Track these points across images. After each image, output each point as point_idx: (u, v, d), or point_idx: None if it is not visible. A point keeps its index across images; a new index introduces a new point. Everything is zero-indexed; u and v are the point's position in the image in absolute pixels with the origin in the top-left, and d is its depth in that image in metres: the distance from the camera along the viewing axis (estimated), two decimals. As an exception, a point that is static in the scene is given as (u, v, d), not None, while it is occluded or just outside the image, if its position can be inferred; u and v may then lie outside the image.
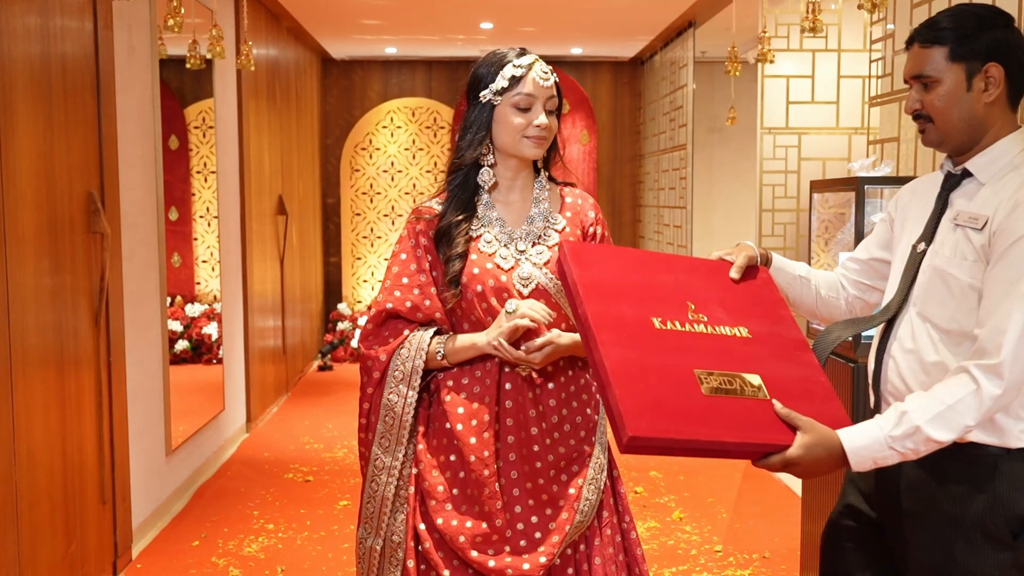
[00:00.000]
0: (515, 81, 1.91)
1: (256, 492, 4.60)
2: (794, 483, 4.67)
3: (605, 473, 1.99)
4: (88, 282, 3.37)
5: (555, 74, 1.97)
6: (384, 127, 8.79)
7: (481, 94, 1.95)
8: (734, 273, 1.83)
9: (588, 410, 1.99)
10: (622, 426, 1.46)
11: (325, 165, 8.80)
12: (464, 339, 1.91)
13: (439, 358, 1.91)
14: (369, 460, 1.97)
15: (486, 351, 1.88)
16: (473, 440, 1.90)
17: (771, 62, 4.73)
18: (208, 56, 4.67)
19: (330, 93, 8.80)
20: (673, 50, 7.40)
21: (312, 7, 6.50)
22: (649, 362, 1.56)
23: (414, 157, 8.78)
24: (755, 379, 1.61)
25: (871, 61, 3.73)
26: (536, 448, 1.92)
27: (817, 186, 3.26)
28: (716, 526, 4.15)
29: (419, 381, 1.90)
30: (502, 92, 1.92)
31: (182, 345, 5.08)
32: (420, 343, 1.91)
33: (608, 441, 2.03)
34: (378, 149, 8.81)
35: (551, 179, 2.07)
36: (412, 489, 1.94)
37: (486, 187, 1.97)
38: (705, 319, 1.69)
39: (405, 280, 1.96)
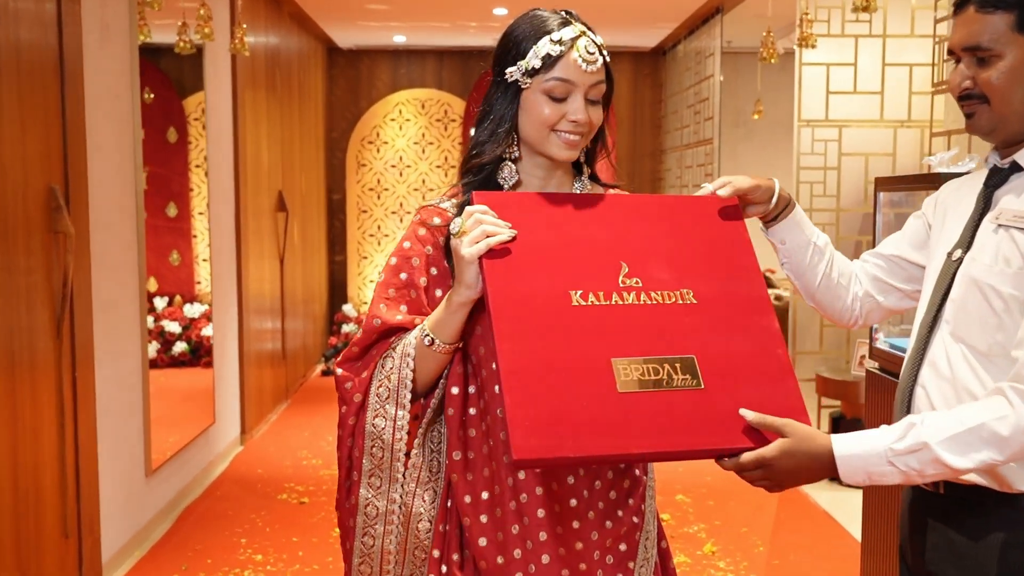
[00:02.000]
0: (549, 61, 1.46)
1: (245, 516, 4.21)
2: (837, 510, 4.25)
3: (656, 548, 1.58)
4: (48, 287, 2.98)
5: (605, 52, 1.51)
6: (392, 120, 8.39)
7: (508, 71, 1.50)
8: (707, 190, 1.54)
9: (636, 470, 1.57)
10: (508, 445, 1.28)
11: (330, 159, 8.41)
12: (438, 309, 1.48)
13: (427, 344, 1.47)
14: (357, 510, 1.54)
15: (470, 296, 1.43)
16: (484, 518, 1.49)
17: (813, 47, 4.31)
18: (196, 39, 4.29)
19: (336, 84, 8.40)
20: (698, 38, 6.98)
21: (314, -10, 6.11)
22: (556, 356, 1.34)
23: (423, 151, 8.37)
24: (690, 362, 1.37)
25: (935, 41, 3.31)
26: (576, 525, 1.49)
27: (884, 184, 2.83)
28: (753, 562, 3.73)
29: (408, 397, 1.49)
30: (533, 73, 1.47)
31: (180, 347, 4.76)
32: (405, 347, 1.49)
33: (657, 507, 1.62)
34: (386, 143, 8.41)
35: (594, 180, 1.63)
36: (436, 553, 1.52)
37: (506, 187, 1.54)
38: (639, 284, 1.43)
39: (392, 292, 1.55)
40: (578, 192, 1.58)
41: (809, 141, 4.92)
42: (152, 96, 4.65)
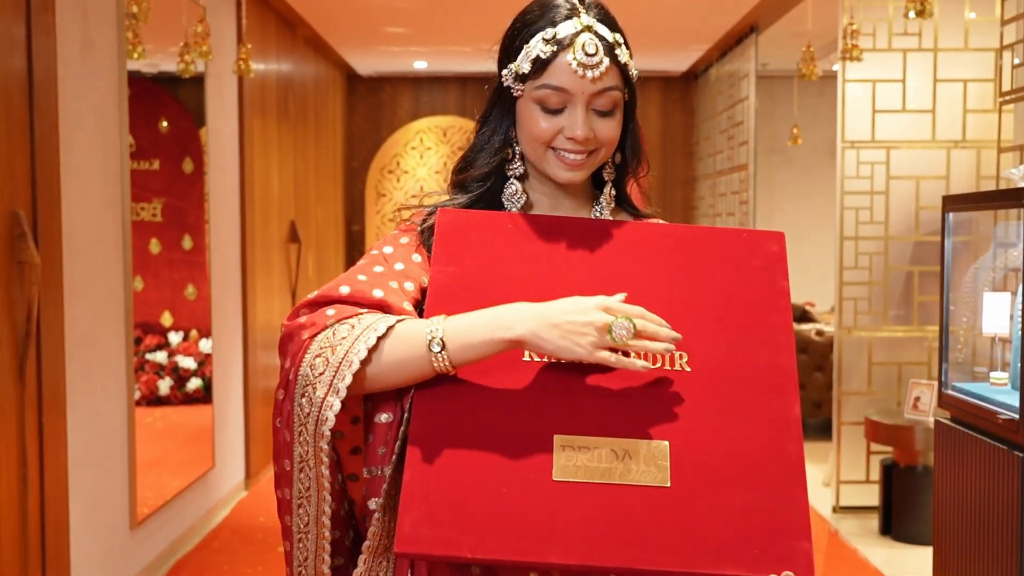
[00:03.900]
0: (540, 64, 1.19)
1: (240, 571, 3.87)
2: (895, 570, 3.83)
3: None
4: (9, 322, 2.69)
5: (620, 50, 1.21)
6: (413, 148, 8.13)
7: (503, 73, 1.25)
8: None
9: None
10: (397, 531, 1.03)
11: (350, 189, 8.16)
12: (480, 317, 1.09)
13: (429, 341, 1.08)
14: (292, 530, 1.21)
15: (517, 343, 1.07)
16: None
17: (859, 59, 3.96)
18: (195, 57, 4.03)
19: (356, 112, 8.17)
20: (732, 61, 6.65)
21: (329, 12, 5.87)
22: (482, 426, 1.06)
23: (445, 181, 8.09)
24: (659, 450, 1.04)
25: (1001, 48, 2.95)
26: None
27: (953, 203, 2.46)
28: (799, 631, 3.32)
29: (348, 382, 1.09)
30: (524, 79, 1.21)
31: (195, 384, 4.53)
32: (382, 322, 1.11)
33: None
34: (406, 172, 8.15)
35: (623, 205, 1.32)
36: None
37: (513, 209, 1.27)
38: None
39: (379, 268, 1.22)
40: (594, 217, 1.27)
41: (854, 164, 4.55)
42: (167, 126, 4.46)
